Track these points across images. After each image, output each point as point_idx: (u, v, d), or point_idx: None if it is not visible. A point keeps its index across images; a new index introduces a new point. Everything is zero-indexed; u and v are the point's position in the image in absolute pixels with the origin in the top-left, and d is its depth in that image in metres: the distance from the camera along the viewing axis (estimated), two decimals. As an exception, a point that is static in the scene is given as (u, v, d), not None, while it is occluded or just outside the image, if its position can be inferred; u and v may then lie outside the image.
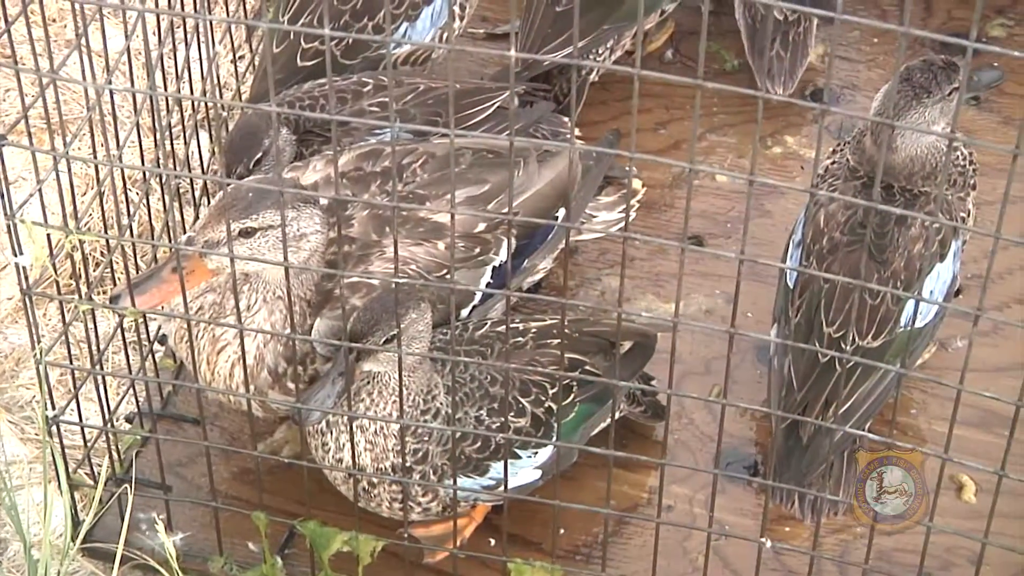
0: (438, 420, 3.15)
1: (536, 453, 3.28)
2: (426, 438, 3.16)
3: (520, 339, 3.33)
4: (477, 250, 3.39)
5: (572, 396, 3.32)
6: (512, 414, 3.23)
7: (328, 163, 3.38)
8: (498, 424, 3.19)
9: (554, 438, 3.20)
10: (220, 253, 2.96)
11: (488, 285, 3.41)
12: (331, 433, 3.17)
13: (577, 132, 3.95)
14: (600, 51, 4.17)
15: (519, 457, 3.26)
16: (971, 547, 3.09)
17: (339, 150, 3.46)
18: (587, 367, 3.34)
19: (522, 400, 3.25)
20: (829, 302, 3.36)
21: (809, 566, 3.07)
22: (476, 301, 3.44)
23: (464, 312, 3.42)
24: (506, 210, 3.35)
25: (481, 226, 3.40)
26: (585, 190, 3.64)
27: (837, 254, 3.39)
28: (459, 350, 3.25)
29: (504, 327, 3.24)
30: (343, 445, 3.15)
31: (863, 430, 3.36)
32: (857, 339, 3.35)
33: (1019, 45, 4.48)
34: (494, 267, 3.43)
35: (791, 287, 3.45)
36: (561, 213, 3.52)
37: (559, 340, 3.29)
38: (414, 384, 3.12)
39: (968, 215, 3.50)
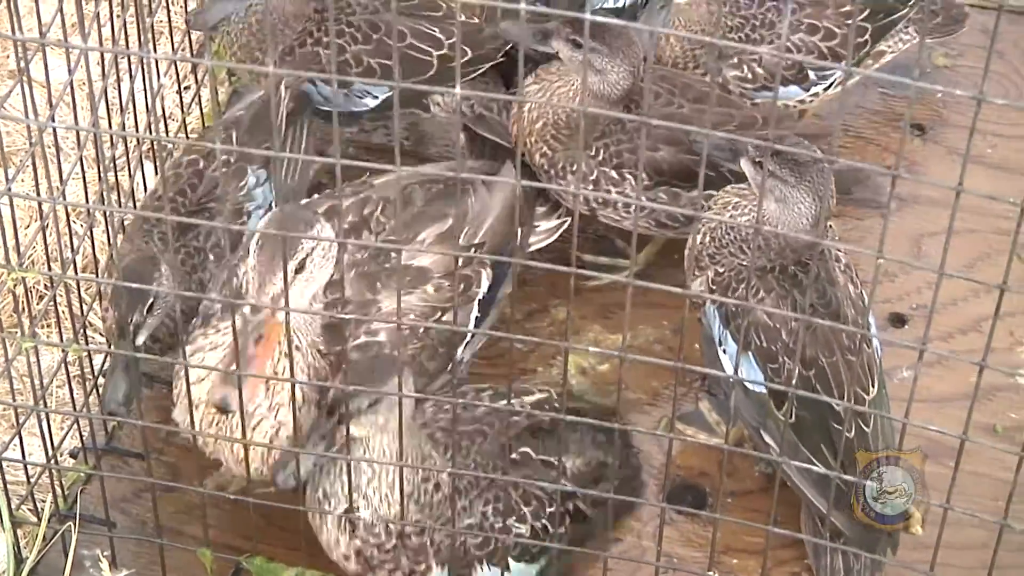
0: (439, 494, 3.09)
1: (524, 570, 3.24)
2: (427, 510, 3.10)
3: (516, 418, 3.27)
4: (462, 286, 3.42)
5: (563, 527, 3.26)
6: (514, 518, 3.18)
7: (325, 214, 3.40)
8: (501, 525, 3.14)
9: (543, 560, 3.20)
10: (289, 307, 2.87)
11: (476, 319, 3.45)
12: (329, 503, 3.09)
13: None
14: None
15: (508, 569, 3.21)
16: (919, 578, 3.10)
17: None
18: (577, 501, 3.29)
19: (524, 508, 3.20)
20: (827, 386, 3.34)
21: (757, 599, 3.08)
22: (468, 338, 3.45)
23: (459, 351, 3.41)
24: (477, 241, 3.47)
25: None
26: (529, 208, 3.72)
27: (805, 339, 3.36)
28: (461, 430, 3.21)
29: (498, 404, 3.23)
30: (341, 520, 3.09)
31: None
32: (865, 396, 3.35)
33: (963, 75, 4.51)
34: (479, 301, 3.46)
35: (760, 392, 3.37)
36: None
37: (552, 426, 3.27)
38: (409, 450, 3.01)
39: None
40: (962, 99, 4.22)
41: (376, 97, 3.94)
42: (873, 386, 3.37)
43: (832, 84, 4.06)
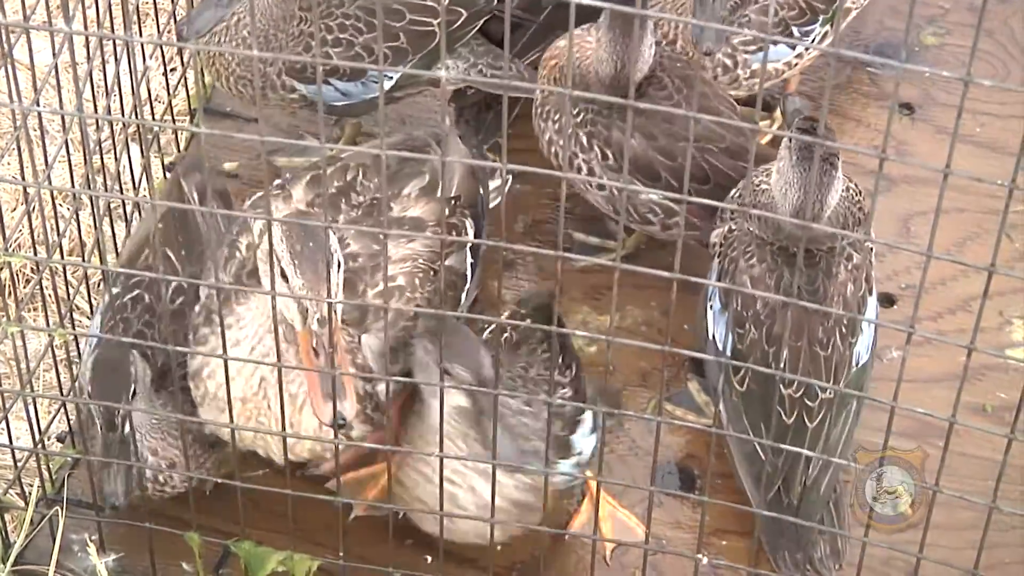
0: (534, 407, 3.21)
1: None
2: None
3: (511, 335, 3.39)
4: (454, 233, 3.48)
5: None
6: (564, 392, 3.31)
7: (307, 188, 3.41)
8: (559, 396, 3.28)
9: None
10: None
11: (472, 265, 3.52)
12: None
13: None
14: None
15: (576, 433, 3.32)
16: (908, 559, 3.10)
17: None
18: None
19: (563, 379, 3.32)
20: (781, 365, 3.32)
21: (746, 581, 3.08)
22: (468, 284, 3.53)
23: (463, 296, 3.50)
24: (453, 194, 3.38)
25: (446, 211, 3.49)
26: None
27: (775, 317, 3.36)
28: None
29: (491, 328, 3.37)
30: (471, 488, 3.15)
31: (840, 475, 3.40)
32: (821, 393, 3.34)
33: (952, 53, 4.50)
34: (469, 248, 3.52)
35: (722, 351, 3.39)
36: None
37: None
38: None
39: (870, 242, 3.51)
40: (950, 78, 4.21)
41: (391, 78, 3.94)
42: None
43: (813, 40, 4.05)
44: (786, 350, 3.32)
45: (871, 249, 3.49)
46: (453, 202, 3.53)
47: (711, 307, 3.46)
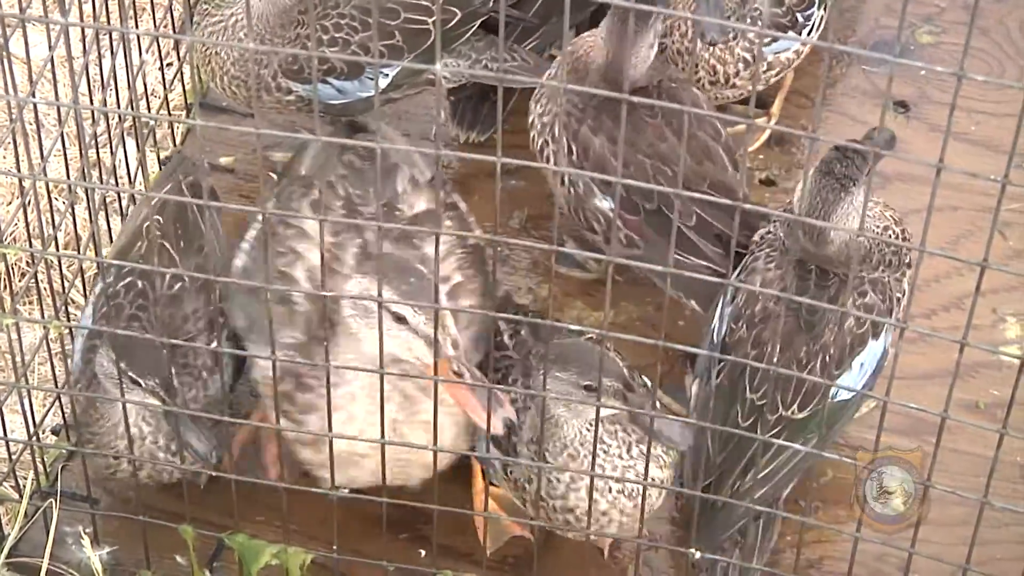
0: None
1: None
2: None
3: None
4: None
5: None
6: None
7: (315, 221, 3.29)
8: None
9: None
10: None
11: None
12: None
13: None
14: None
15: None
16: (900, 555, 3.11)
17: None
18: None
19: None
20: (755, 369, 3.29)
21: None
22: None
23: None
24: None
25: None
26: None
27: (769, 323, 3.35)
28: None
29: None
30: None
31: (782, 494, 3.37)
32: (781, 409, 3.31)
33: (947, 52, 4.51)
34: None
35: (715, 342, 3.41)
36: None
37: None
38: None
39: (903, 295, 3.45)
40: (947, 77, 4.21)
41: (387, 75, 3.95)
42: (799, 409, 3.31)
43: (813, 26, 4.06)
44: (765, 357, 3.30)
45: (899, 298, 3.44)
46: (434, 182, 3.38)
47: (723, 300, 3.45)
